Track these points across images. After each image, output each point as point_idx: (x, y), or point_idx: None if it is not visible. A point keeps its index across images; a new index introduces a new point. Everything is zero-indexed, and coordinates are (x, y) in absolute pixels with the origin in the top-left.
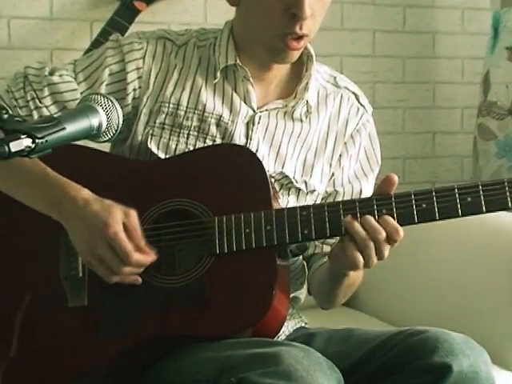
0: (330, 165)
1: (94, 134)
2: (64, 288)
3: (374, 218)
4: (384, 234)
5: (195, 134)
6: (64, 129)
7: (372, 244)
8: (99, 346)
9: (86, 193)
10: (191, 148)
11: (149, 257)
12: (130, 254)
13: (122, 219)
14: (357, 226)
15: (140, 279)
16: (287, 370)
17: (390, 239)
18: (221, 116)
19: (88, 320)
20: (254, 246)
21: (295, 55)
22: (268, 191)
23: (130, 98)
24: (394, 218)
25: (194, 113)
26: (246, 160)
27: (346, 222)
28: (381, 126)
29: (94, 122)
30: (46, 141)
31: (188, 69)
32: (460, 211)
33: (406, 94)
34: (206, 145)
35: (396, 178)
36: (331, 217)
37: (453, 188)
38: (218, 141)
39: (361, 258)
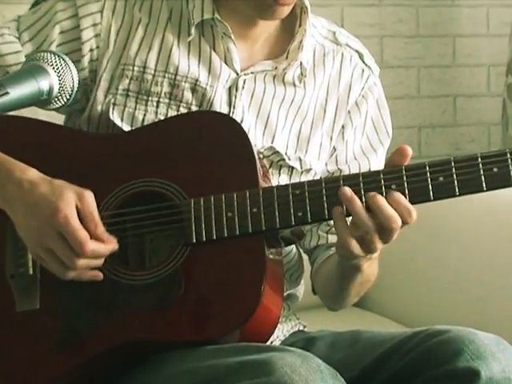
0: (331, 138)
1: (43, 99)
2: (11, 288)
3: (382, 195)
4: (399, 223)
5: (166, 101)
6: (7, 93)
7: (375, 233)
8: (55, 358)
9: (32, 173)
10: (162, 118)
11: (108, 245)
12: (83, 243)
13: (74, 202)
14: (358, 205)
15: (101, 274)
16: (281, 380)
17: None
18: (197, 80)
19: (41, 327)
20: (237, 232)
21: (285, 10)
22: (254, 166)
23: (86, 61)
24: (405, 196)
25: (165, 76)
26: (228, 130)
27: (344, 197)
28: (391, 89)
29: (43, 84)
30: None
31: (156, 24)
32: (484, 184)
33: (420, 50)
34: (179, 113)
35: (409, 150)
36: (330, 195)
37: (476, 157)
38: (194, 109)
39: (356, 246)
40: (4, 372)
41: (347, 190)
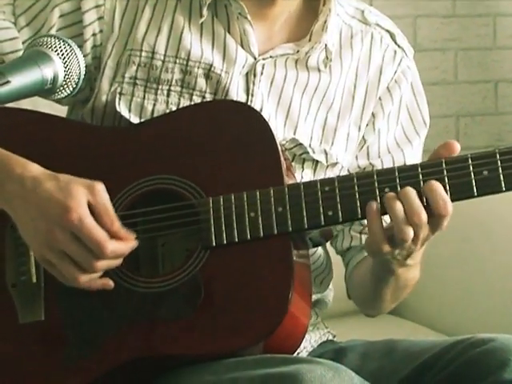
0: (359, 127)
1: (47, 88)
2: (12, 299)
3: (419, 190)
4: (424, 217)
5: (178, 89)
6: (8, 82)
7: (410, 229)
8: (62, 375)
9: (35, 169)
10: (173, 109)
11: (128, 243)
12: (103, 244)
13: (86, 198)
14: (396, 204)
15: (111, 283)
16: None
17: (435, 216)
18: (211, 65)
19: (47, 341)
20: (261, 234)
21: None
22: (278, 161)
23: (89, 46)
24: (446, 190)
25: (175, 62)
26: (247, 121)
27: (385, 198)
28: (425, 74)
29: (47, 72)
30: None
31: (164, 5)
32: None
33: (457, 31)
34: (192, 103)
35: (458, 146)
36: (362, 192)
37: None
38: (209, 97)
39: (387, 246)
40: None
41: (391, 194)
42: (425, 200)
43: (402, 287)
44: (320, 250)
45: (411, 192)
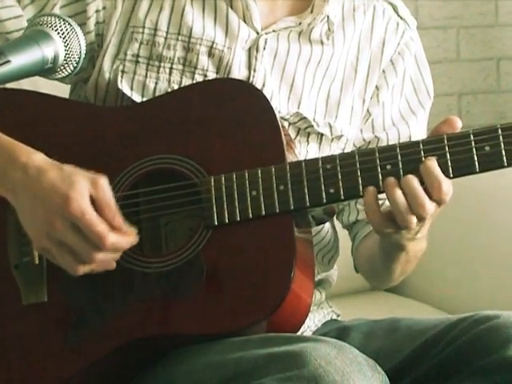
0: (363, 100)
1: (48, 67)
2: (15, 280)
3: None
4: (429, 206)
5: (180, 67)
6: (8, 62)
7: (414, 218)
8: (66, 356)
9: (39, 158)
10: (175, 87)
11: (129, 237)
12: (103, 237)
13: (88, 190)
14: (397, 193)
15: (114, 264)
16: (315, 373)
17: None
18: (213, 42)
19: (50, 322)
20: (263, 213)
21: None
22: (279, 139)
23: (92, 23)
24: (447, 167)
25: (178, 39)
26: (248, 100)
27: (385, 185)
28: (427, 53)
29: (47, 51)
30: None
31: None
32: None
33: (459, 8)
34: (194, 82)
35: (459, 122)
36: (364, 169)
37: None
38: (211, 75)
39: (387, 224)
40: (13, 371)
41: (391, 180)
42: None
43: (411, 260)
44: (327, 227)
45: (413, 181)
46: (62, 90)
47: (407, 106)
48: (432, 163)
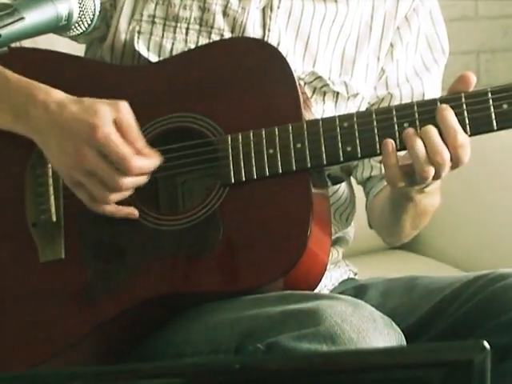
0: (378, 58)
1: (62, 25)
2: (33, 238)
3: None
4: (447, 155)
5: (196, 27)
6: (22, 19)
7: (432, 169)
8: (84, 312)
9: (58, 94)
10: (192, 47)
11: (152, 160)
12: (129, 160)
13: (111, 115)
14: (417, 142)
15: (137, 212)
16: (331, 330)
17: (449, 147)
18: (228, 2)
19: (68, 279)
20: (280, 171)
21: None
22: (296, 97)
23: None
24: (465, 124)
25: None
26: (265, 58)
27: (404, 135)
28: (444, 10)
29: (61, 8)
30: (0, 35)
31: None
32: None
33: None
34: (210, 41)
35: (473, 78)
36: (381, 127)
37: None
38: (227, 35)
39: (404, 180)
40: (33, 327)
41: (411, 131)
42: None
43: (421, 214)
44: (343, 185)
45: (433, 130)
46: (78, 49)
47: (421, 63)
48: (448, 112)
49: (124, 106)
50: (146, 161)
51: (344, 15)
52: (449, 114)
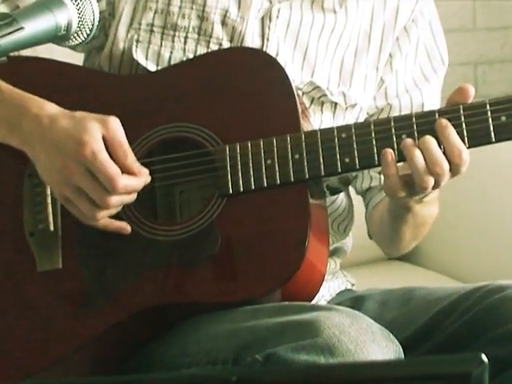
0: (377, 68)
1: (61, 35)
2: (30, 247)
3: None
4: (446, 167)
5: (195, 36)
6: (22, 29)
7: (431, 179)
8: (80, 322)
9: (51, 108)
10: (190, 56)
11: (140, 178)
12: (114, 179)
13: (100, 132)
14: (416, 153)
15: (128, 227)
16: (328, 342)
17: (450, 163)
18: (227, 11)
19: (65, 288)
20: (278, 182)
21: None
22: (295, 108)
23: None
24: (463, 136)
25: (192, 8)
26: (263, 68)
27: (403, 146)
28: (443, 21)
29: (60, 18)
30: None
31: None
32: None
33: None
34: (209, 50)
35: (471, 90)
36: (379, 138)
37: None
38: (226, 44)
39: (404, 191)
40: (31, 336)
41: (409, 142)
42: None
43: (419, 224)
44: (342, 195)
45: (432, 141)
46: (76, 58)
47: (420, 73)
48: (451, 129)
49: (114, 122)
50: (132, 180)
51: (343, 25)
52: (451, 132)
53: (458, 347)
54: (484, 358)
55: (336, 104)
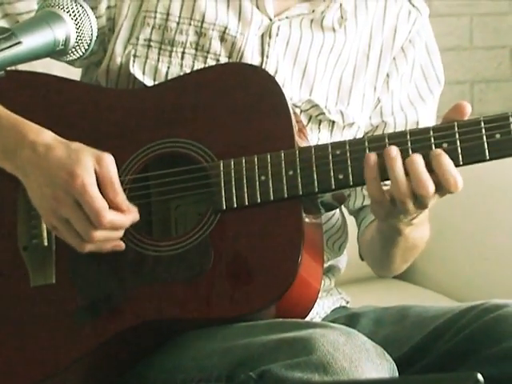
0: (375, 88)
1: (59, 49)
2: (24, 262)
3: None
4: (432, 190)
5: (192, 52)
6: (20, 43)
7: (411, 202)
8: (73, 338)
9: (48, 136)
10: (187, 71)
11: (128, 216)
12: (101, 213)
13: (93, 166)
14: (397, 170)
15: (122, 245)
16: (323, 359)
17: (442, 190)
18: (226, 27)
19: (57, 304)
20: (272, 198)
21: None
22: (289, 124)
23: (103, 7)
24: (457, 154)
25: (190, 24)
26: (259, 84)
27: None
28: (440, 40)
29: (59, 33)
30: None
31: None
32: None
33: None
34: (206, 66)
35: (468, 107)
36: None
37: None
38: (223, 60)
39: (383, 211)
40: (24, 351)
41: (393, 149)
42: (435, 174)
43: (410, 247)
44: (337, 213)
45: (418, 161)
46: (74, 73)
47: (416, 92)
48: (445, 157)
49: (108, 158)
50: (120, 216)
51: (342, 44)
52: (445, 160)
53: (453, 366)
54: (480, 376)
55: (334, 122)
